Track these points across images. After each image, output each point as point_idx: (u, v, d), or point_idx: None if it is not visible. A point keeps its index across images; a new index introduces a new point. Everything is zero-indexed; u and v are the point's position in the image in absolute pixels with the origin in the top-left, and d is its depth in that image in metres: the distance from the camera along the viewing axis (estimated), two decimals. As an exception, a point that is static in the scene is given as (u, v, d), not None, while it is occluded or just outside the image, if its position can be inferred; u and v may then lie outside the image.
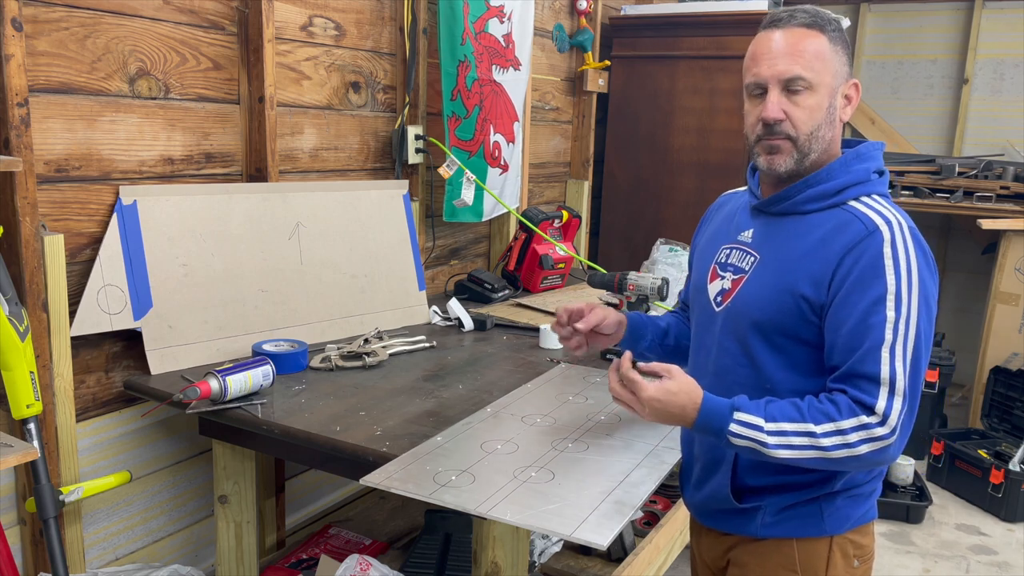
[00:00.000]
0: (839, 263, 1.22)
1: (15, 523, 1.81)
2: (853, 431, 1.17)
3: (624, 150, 3.95)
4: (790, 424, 1.19)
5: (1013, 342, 3.87)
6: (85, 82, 1.83)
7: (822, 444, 1.17)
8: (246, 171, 2.24)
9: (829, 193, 1.28)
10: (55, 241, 1.75)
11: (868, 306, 1.19)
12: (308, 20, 2.37)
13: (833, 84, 1.26)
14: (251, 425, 1.70)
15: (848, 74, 1.29)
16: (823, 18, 1.27)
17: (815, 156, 1.28)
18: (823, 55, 1.24)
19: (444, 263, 3.13)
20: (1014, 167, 4.01)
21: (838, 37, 1.27)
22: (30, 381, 1.61)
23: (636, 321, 1.64)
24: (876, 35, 4.82)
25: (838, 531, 1.31)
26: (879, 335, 1.17)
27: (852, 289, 1.20)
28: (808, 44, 1.24)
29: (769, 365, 1.30)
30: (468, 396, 1.88)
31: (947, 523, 3.29)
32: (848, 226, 1.24)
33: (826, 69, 1.25)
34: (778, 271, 1.29)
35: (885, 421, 1.16)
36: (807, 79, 1.24)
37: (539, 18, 3.44)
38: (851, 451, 1.17)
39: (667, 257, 2.91)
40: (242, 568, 2.01)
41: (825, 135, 1.27)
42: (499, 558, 1.55)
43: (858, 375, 1.19)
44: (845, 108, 1.29)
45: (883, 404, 1.16)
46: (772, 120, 1.25)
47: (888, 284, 1.18)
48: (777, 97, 1.25)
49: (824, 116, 1.26)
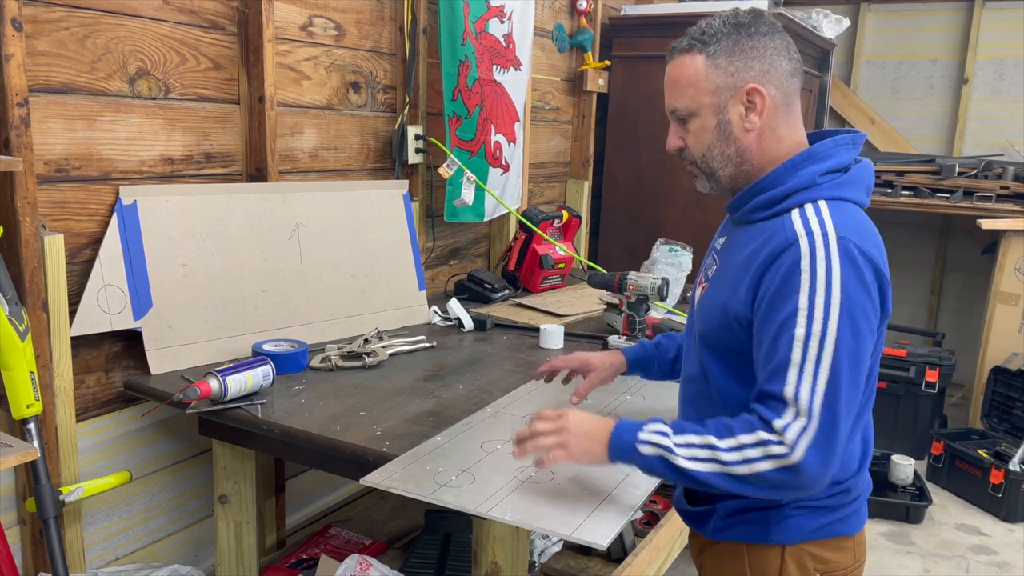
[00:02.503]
0: (761, 278, 1.19)
1: (15, 523, 1.81)
2: (752, 447, 1.13)
3: (624, 150, 3.95)
4: (695, 436, 1.18)
5: (1013, 342, 3.87)
6: (85, 82, 1.83)
7: (723, 459, 1.14)
8: (246, 171, 2.24)
9: (775, 200, 1.23)
10: (55, 241, 1.75)
11: (781, 323, 1.15)
12: (308, 20, 2.37)
13: (715, 102, 1.24)
14: (251, 425, 1.70)
15: (746, 79, 1.23)
16: (706, 34, 1.24)
17: (728, 171, 1.28)
18: (695, 79, 1.25)
19: (444, 263, 3.13)
20: (1014, 167, 4.01)
21: (722, 49, 1.23)
22: (30, 381, 1.61)
23: (636, 357, 1.67)
24: (876, 35, 4.82)
25: (789, 541, 1.27)
26: (786, 353, 1.13)
27: (770, 306, 1.16)
28: (681, 72, 1.26)
29: (718, 376, 1.29)
30: (468, 396, 1.88)
31: (947, 523, 3.29)
32: (772, 238, 1.19)
33: (701, 91, 1.24)
34: (721, 283, 1.29)
35: (783, 440, 1.12)
36: (680, 108, 1.27)
37: (539, 18, 3.44)
38: (751, 467, 1.13)
39: (667, 257, 2.91)
40: (242, 568, 2.01)
41: (724, 151, 1.26)
42: (499, 558, 1.55)
43: (765, 394, 1.16)
44: (749, 116, 1.24)
45: (783, 422, 1.12)
46: (671, 150, 1.33)
47: (800, 300, 1.13)
48: (673, 128, 1.31)
49: (714, 135, 1.26)
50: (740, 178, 1.29)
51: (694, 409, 1.36)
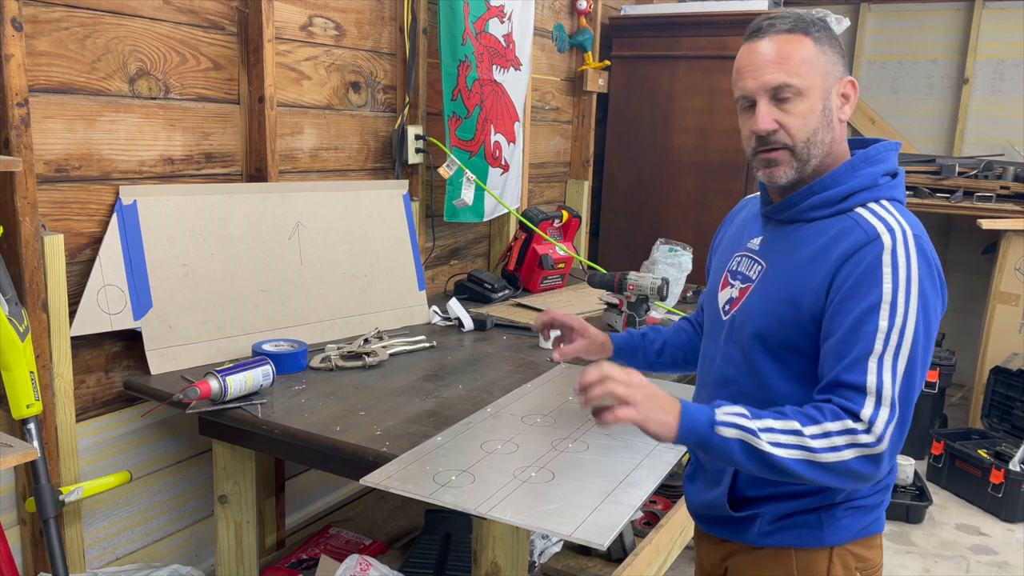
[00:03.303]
0: (837, 271, 1.19)
1: (15, 523, 1.81)
2: (839, 434, 1.12)
3: (624, 150, 3.95)
4: (776, 422, 1.14)
5: (1013, 342, 3.87)
6: (85, 82, 1.83)
7: (810, 445, 1.12)
8: (246, 171, 2.24)
9: (835, 199, 1.24)
10: (55, 241, 1.75)
11: (860, 314, 1.15)
12: (308, 20, 2.37)
13: (824, 86, 1.23)
14: (251, 425, 1.70)
15: (843, 72, 1.25)
16: (805, 20, 1.23)
17: (816, 162, 1.25)
18: (809, 58, 1.21)
19: (444, 263, 3.13)
20: (1014, 167, 4.01)
21: (824, 37, 1.23)
22: (30, 381, 1.61)
23: (622, 344, 1.67)
24: (876, 35, 4.82)
25: (839, 542, 1.28)
26: (868, 344, 1.13)
27: (847, 296, 1.16)
28: (792, 49, 1.22)
29: (772, 376, 1.27)
30: (468, 396, 1.88)
31: (947, 523, 3.29)
32: (849, 233, 1.20)
33: (814, 71, 1.22)
34: (781, 281, 1.27)
35: (870, 429, 1.11)
36: (794, 85, 1.21)
37: (539, 18, 3.44)
38: (838, 455, 1.11)
39: (667, 257, 2.91)
40: (242, 568, 2.01)
41: (823, 139, 1.24)
42: (499, 558, 1.55)
43: (843, 384, 1.14)
44: (843, 108, 1.26)
45: (869, 412, 1.11)
46: (764, 131, 1.24)
47: (884, 292, 1.14)
48: (767, 107, 1.23)
49: (819, 120, 1.23)
50: (819, 170, 1.27)
51: None
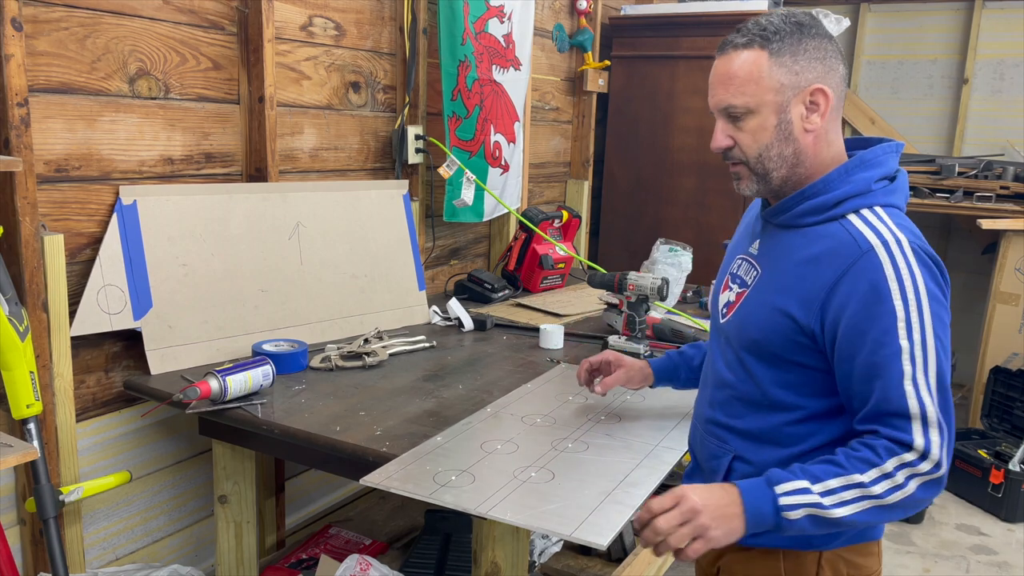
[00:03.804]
0: (833, 288, 1.16)
1: (15, 523, 1.81)
2: (898, 470, 1.10)
3: (624, 150, 3.95)
4: (835, 480, 1.12)
5: (1013, 342, 3.87)
6: (85, 82, 1.83)
7: (874, 492, 1.11)
8: (246, 171, 2.24)
9: (827, 205, 1.22)
10: (55, 241, 1.75)
11: (879, 337, 1.12)
12: (308, 20, 2.37)
13: (778, 100, 1.20)
14: (251, 425, 1.70)
15: (811, 80, 1.20)
16: (767, 31, 1.20)
17: (780, 174, 1.24)
18: (757, 75, 1.19)
19: (444, 263, 3.13)
20: (1014, 167, 4.01)
21: (787, 47, 1.19)
22: (30, 381, 1.61)
23: (662, 368, 1.67)
24: (876, 35, 4.82)
25: (826, 546, 1.26)
26: (897, 368, 1.11)
27: (858, 320, 1.14)
28: (740, 68, 1.20)
29: (768, 383, 1.26)
30: (468, 396, 1.88)
31: (947, 523, 3.29)
32: (841, 245, 1.17)
33: (764, 88, 1.19)
34: (773, 288, 1.25)
35: (927, 456, 1.10)
36: (739, 105, 1.21)
37: (539, 18, 3.44)
38: (904, 492, 1.10)
39: (667, 257, 2.91)
40: (242, 568, 2.01)
41: (781, 153, 1.22)
42: (499, 558, 1.55)
43: (886, 413, 1.13)
44: (809, 117, 1.21)
45: (920, 440, 1.10)
46: (717, 149, 1.26)
47: (896, 311, 1.12)
48: (722, 125, 1.25)
49: (772, 135, 1.21)
50: (791, 181, 1.25)
51: (724, 414, 1.33)
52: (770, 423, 1.26)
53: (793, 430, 1.24)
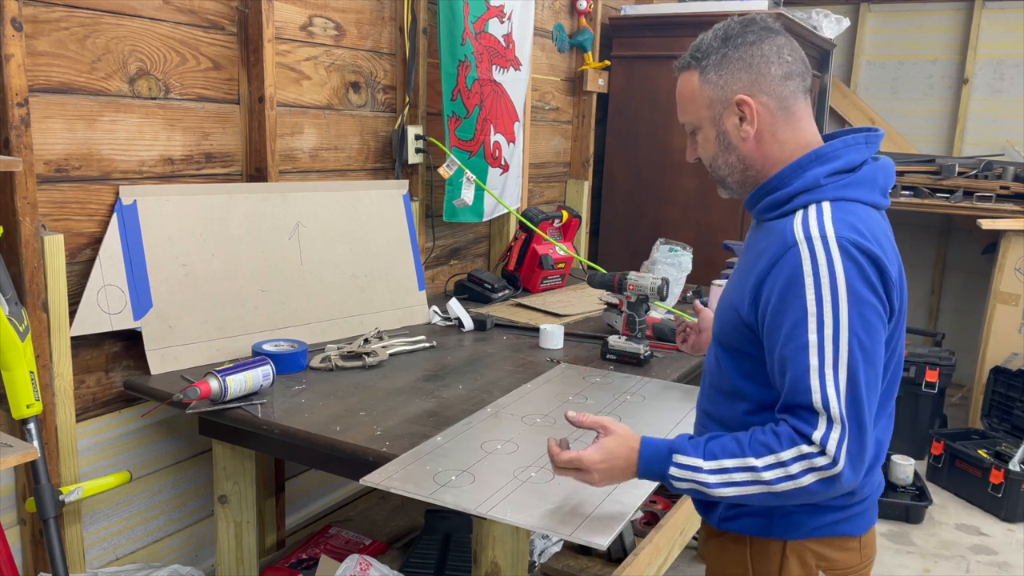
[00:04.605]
0: (762, 283, 1.19)
1: (15, 523, 1.81)
2: (794, 462, 1.13)
3: (624, 150, 3.95)
4: (731, 460, 1.16)
5: (1013, 342, 3.87)
6: (85, 82, 1.83)
7: (764, 478, 1.13)
8: (246, 171, 2.24)
9: (781, 201, 1.25)
10: (55, 241, 1.75)
11: (790, 330, 1.15)
12: (308, 20, 2.37)
13: (711, 115, 1.29)
14: (251, 425, 1.70)
15: (735, 90, 1.26)
16: (700, 50, 1.29)
17: (735, 178, 1.31)
18: (691, 94, 1.31)
19: (444, 263, 3.13)
20: (1014, 167, 4.01)
21: (713, 63, 1.27)
22: (30, 381, 1.62)
23: None
24: (876, 35, 4.82)
25: (791, 536, 1.27)
26: (803, 362, 1.13)
27: (776, 312, 1.17)
28: (682, 89, 1.33)
29: (733, 373, 1.30)
30: (468, 396, 1.88)
31: (947, 523, 3.29)
32: (776, 241, 1.20)
33: (699, 106, 1.30)
34: (733, 281, 1.32)
35: (824, 451, 1.11)
36: (688, 123, 1.33)
37: (539, 18, 3.44)
38: (795, 483, 1.13)
39: (667, 257, 2.91)
40: (242, 568, 2.01)
41: (728, 161, 1.30)
42: (499, 558, 1.55)
43: (795, 405, 1.15)
44: (742, 126, 1.26)
45: (820, 434, 1.12)
46: (689, 161, 1.40)
47: (808, 306, 1.13)
48: (689, 140, 1.37)
49: (716, 146, 1.30)
50: (748, 183, 1.31)
51: (708, 402, 1.38)
52: (735, 412, 1.30)
53: (752, 419, 1.26)
